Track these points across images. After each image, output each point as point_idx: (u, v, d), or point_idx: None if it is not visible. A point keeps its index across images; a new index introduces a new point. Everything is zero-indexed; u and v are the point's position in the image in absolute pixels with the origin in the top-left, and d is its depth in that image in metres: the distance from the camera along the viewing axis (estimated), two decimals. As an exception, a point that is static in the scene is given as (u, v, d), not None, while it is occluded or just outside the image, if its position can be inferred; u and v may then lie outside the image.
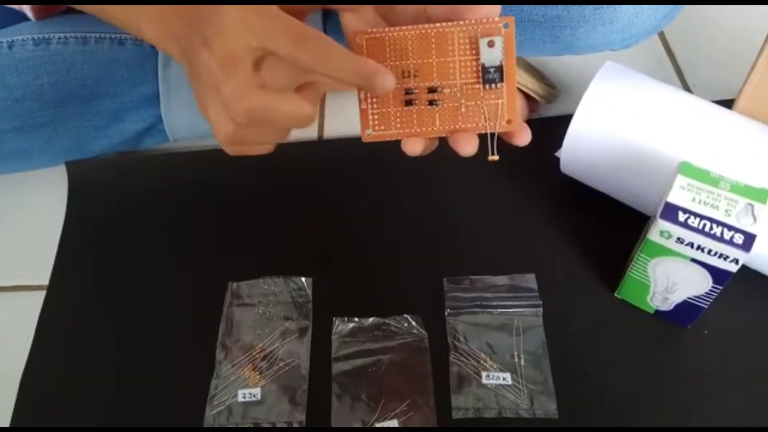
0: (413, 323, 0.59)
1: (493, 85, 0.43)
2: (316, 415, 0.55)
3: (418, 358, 0.57)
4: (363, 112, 0.45)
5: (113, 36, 0.68)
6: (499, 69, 0.43)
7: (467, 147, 0.44)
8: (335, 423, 0.54)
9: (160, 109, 0.71)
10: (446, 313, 0.60)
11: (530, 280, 0.61)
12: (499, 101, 0.44)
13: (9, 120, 0.66)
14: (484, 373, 0.56)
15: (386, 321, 0.59)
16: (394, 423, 0.54)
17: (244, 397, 0.56)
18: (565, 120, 0.62)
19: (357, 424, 0.54)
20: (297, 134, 0.77)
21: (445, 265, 0.62)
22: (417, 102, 0.44)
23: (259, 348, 0.58)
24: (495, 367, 0.57)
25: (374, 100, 0.45)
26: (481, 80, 0.43)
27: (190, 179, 0.72)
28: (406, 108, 0.45)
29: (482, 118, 0.44)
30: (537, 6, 0.61)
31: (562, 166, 0.65)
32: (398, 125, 0.45)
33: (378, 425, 0.54)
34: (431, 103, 0.44)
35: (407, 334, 0.58)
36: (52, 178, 0.72)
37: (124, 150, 0.74)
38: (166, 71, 0.69)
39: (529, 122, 0.72)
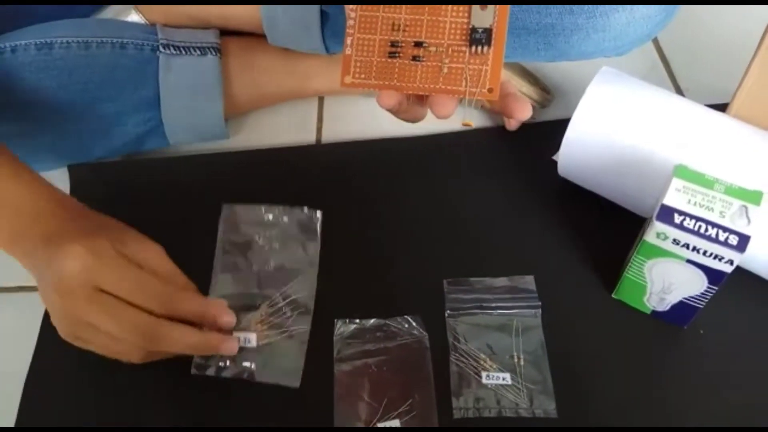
0: (414, 324, 0.59)
1: (479, 48, 0.43)
2: (319, 416, 0.56)
3: (419, 359, 0.58)
4: (346, 58, 0.45)
5: (114, 41, 0.69)
6: (488, 32, 0.42)
7: (443, 109, 0.44)
8: (338, 423, 0.55)
9: (161, 113, 0.71)
10: (446, 314, 0.60)
11: (529, 281, 0.62)
12: (483, 67, 0.43)
13: (11, 124, 0.66)
14: (484, 373, 0.57)
15: (387, 322, 0.60)
16: (396, 423, 0.55)
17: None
18: (561, 124, 0.63)
19: (359, 425, 0.55)
20: (295, 138, 0.78)
21: (445, 267, 0.63)
22: (401, 55, 0.44)
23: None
24: (495, 367, 0.58)
25: (359, 47, 0.44)
26: (468, 41, 0.43)
27: (191, 182, 0.72)
28: (389, 60, 0.44)
29: (464, 82, 0.43)
30: (531, 14, 0.62)
31: (559, 169, 0.66)
32: (378, 76, 0.44)
33: (380, 425, 0.55)
34: (415, 58, 0.44)
35: (408, 335, 0.59)
36: (55, 180, 0.71)
37: (126, 153, 0.75)
38: (167, 75, 0.70)
39: (525, 126, 0.74)
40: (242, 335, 0.57)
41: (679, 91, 0.81)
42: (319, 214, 0.64)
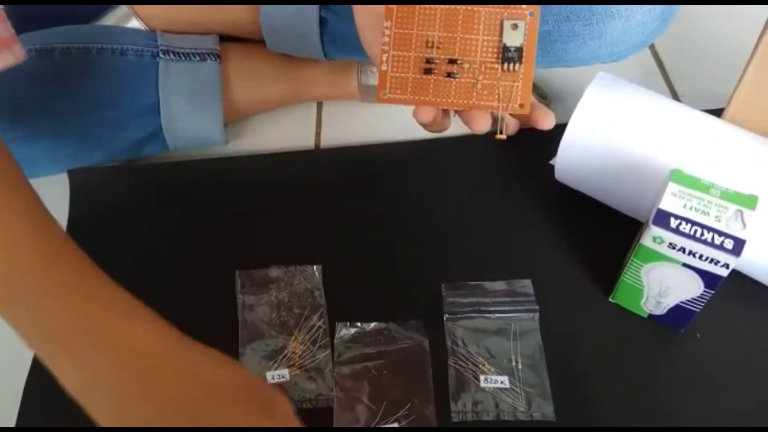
0: (414, 328, 0.60)
1: (512, 66, 0.44)
2: (319, 417, 0.56)
3: (418, 363, 0.58)
4: (382, 74, 0.46)
5: (114, 47, 0.69)
6: (519, 50, 0.44)
7: (480, 123, 0.46)
8: (337, 425, 0.55)
9: (161, 118, 0.71)
10: (445, 318, 0.61)
11: (527, 285, 0.62)
12: (515, 84, 0.45)
13: (12, 129, 0.66)
14: (482, 377, 0.57)
15: (388, 326, 0.60)
16: (394, 426, 0.55)
17: (273, 379, 0.57)
18: (558, 129, 0.62)
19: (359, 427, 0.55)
20: (294, 143, 0.78)
21: (443, 271, 0.64)
22: (435, 72, 0.45)
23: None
24: (493, 370, 0.58)
25: (394, 63, 0.46)
26: (500, 59, 0.45)
27: (190, 187, 0.73)
28: (423, 76, 0.46)
29: (496, 98, 0.45)
30: None
31: (556, 173, 0.66)
32: (414, 92, 0.46)
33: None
34: (449, 75, 0.45)
35: (408, 339, 0.59)
36: (54, 185, 0.72)
37: (126, 158, 0.75)
38: (167, 81, 0.70)
39: (523, 131, 0.74)
40: (276, 372, 0.58)
41: (675, 96, 0.82)
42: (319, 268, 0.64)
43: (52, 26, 0.69)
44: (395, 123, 0.77)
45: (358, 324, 0.60)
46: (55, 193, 0.72)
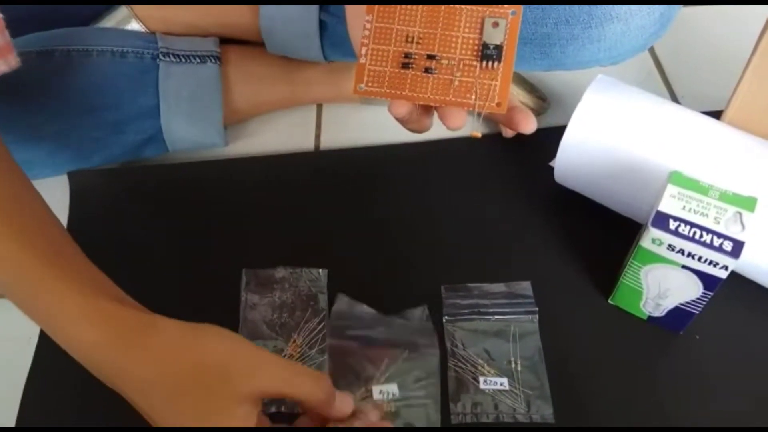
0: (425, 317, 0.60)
1: (490, 64, 0.44)
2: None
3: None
4: (359, 67, 0.46)
5: (115, 49, 0.69)
6: (499, 48, 0.44)
7: (455, 121, 0.46)
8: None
9: (161, 121, 0.72)
10: (444, 320, 0.61)
11: (526, 287, 0.62)
12: (493, 82, 0.45)
13: (12, 131, 0.66)
14: (481, 379, 0.57)
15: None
16: (393, 387, 0.56)
17: None
18: (557, 131, 0.63)
19: (357, 389, 0.56)
20: (294, 145, 0.79)
21: (442, 273, 0.64)
22: (413, 67, 0.45)
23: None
24: (492, 372, 0.58)
25: (373, 56, 0.46)
26: (479, 57, 0.44)
27: (190, 190, 0.73)
28: (401, 70, 0.45)
29: (473, 96, 0.45)
30: (527, 24, 0.63)
31: (555, 175, 0.66)
32: (390, 86, 0.46)
33: (377, 387, 0.56)
34: (427, 70, 0.45)
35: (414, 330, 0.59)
36: (54, 187, 0.72)
37: (125, 160, 0.75)
38: (167, 83, 0.71)
39: (522, 134, 0.74)
40: None
41: (674, 98, 0.82)
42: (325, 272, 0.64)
43: (52, 28, 0.69)
44: (395, 125, 0.76)
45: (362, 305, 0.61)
46: (54, 195, 0.72)
